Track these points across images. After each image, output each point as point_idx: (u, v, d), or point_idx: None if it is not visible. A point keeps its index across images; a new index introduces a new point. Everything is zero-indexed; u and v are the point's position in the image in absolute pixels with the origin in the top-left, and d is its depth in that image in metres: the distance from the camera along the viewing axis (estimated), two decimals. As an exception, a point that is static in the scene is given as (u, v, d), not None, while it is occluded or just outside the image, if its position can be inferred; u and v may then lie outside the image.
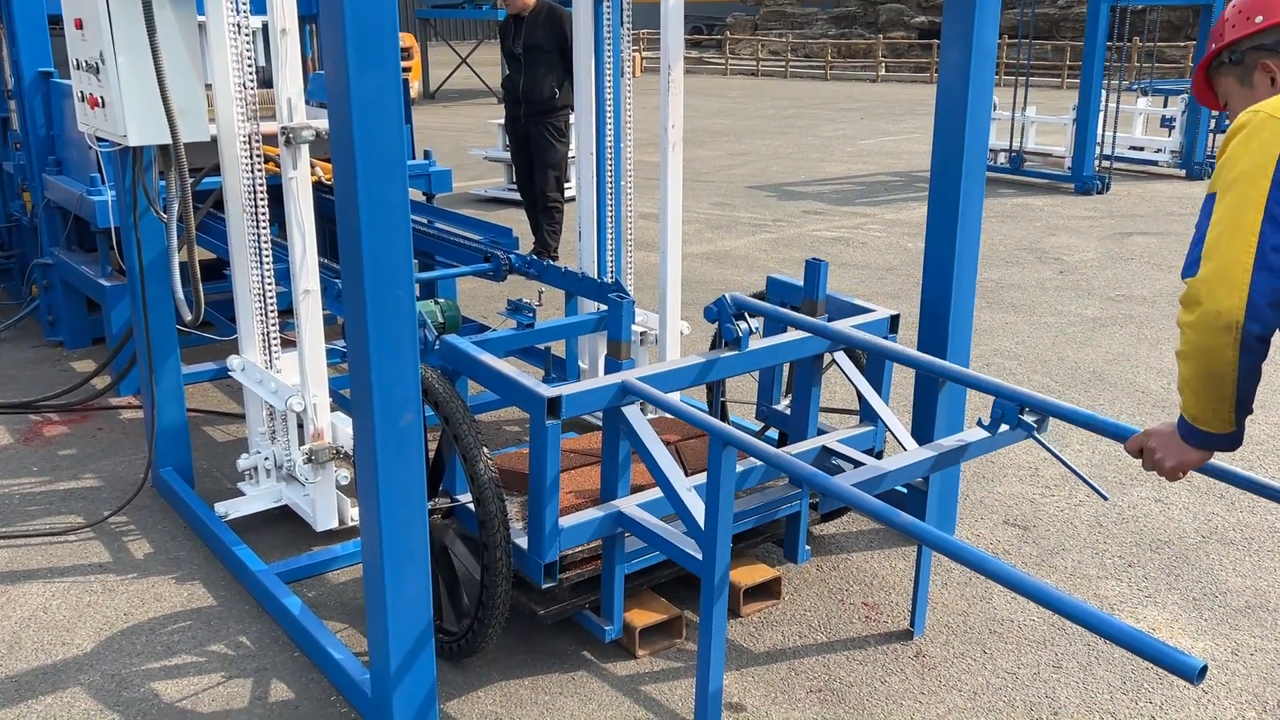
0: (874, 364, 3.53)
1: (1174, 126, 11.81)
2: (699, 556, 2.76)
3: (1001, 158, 11.74)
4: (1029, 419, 2.82)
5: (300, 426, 3.73)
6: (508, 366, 3.06)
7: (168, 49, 3.35)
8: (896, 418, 3.38)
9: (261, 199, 3.68)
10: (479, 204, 10.53)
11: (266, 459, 3.91)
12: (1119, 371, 5.68)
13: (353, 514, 3.74)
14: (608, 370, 3.19)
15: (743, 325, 3.26)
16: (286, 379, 3.74)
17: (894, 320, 3.55)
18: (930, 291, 3.76)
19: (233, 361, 3.93)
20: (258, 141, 3.62)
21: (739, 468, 3.08)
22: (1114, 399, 5.29)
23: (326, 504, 3.70)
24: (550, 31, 7.31)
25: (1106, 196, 10.72)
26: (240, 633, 3.38)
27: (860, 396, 3.50)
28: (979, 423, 2.93)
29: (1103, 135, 10.89)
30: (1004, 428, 2.87)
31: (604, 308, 4.40)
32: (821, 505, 3.53)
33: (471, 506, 3.05)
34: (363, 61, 2.37)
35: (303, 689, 3.10)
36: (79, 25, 3.61)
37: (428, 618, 2.77)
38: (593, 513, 3.05)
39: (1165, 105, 12.32)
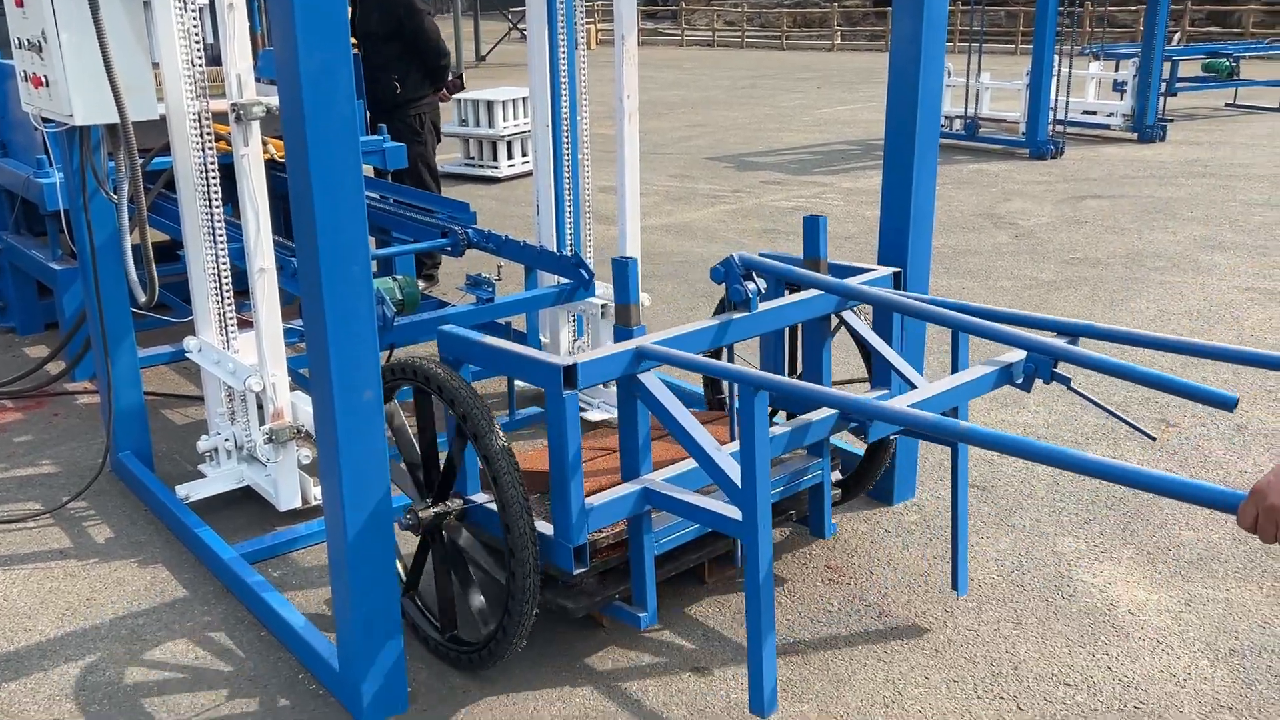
0: (881, 323, 3.47)
1: (1125, 90, 11.93)
2: (738, 518, 2.62)
3: (957, 124, 11.80)
4: (1062, 371, 2.72)
5: (260, 407, 3.71)
6: (513, 345, 2.91)
7: (112, 26, 3.29)
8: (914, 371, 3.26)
9: (213, 178, 3.64)
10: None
11: (227, 440, 3.88)
12: (1074, 333, 5.77)
13: (315, 493, 3.73)
14: (615, 338, 3.06)
15: (751, 286, 3.14)
16: (244, 359, 3.71)
17: (897, 277, 3.47)
18: (887, 259, 3.78)
19: (189, 343, 3.89)
20: (208, 119, 3.58)
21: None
22: (1069, 360, 5.37)
23: (289, 484, 3.69)
24: (385, 16, 6.35)
25: (1060, 161, 10.83)
26: (205, 614, 3.36)
27: (871, 358, 3.44)
28: (1010, 379, 2.84)
29: (1056, 100, 10.98)
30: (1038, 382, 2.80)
31: (564, 281, 4.40)
32: (870, 433, 2.98)
33: (487, 505, 2.93)
34: (312, 36, 2.34)
35: (270, 667, 3.10)
36: (19, 3, 3.53)
37: (394, 592, 2.78)
38: (620, 490, 2.85)
39: (1117, 69, 12.44)
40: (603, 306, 4.53)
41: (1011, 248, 7.58)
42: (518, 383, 4.86)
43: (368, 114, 6.25)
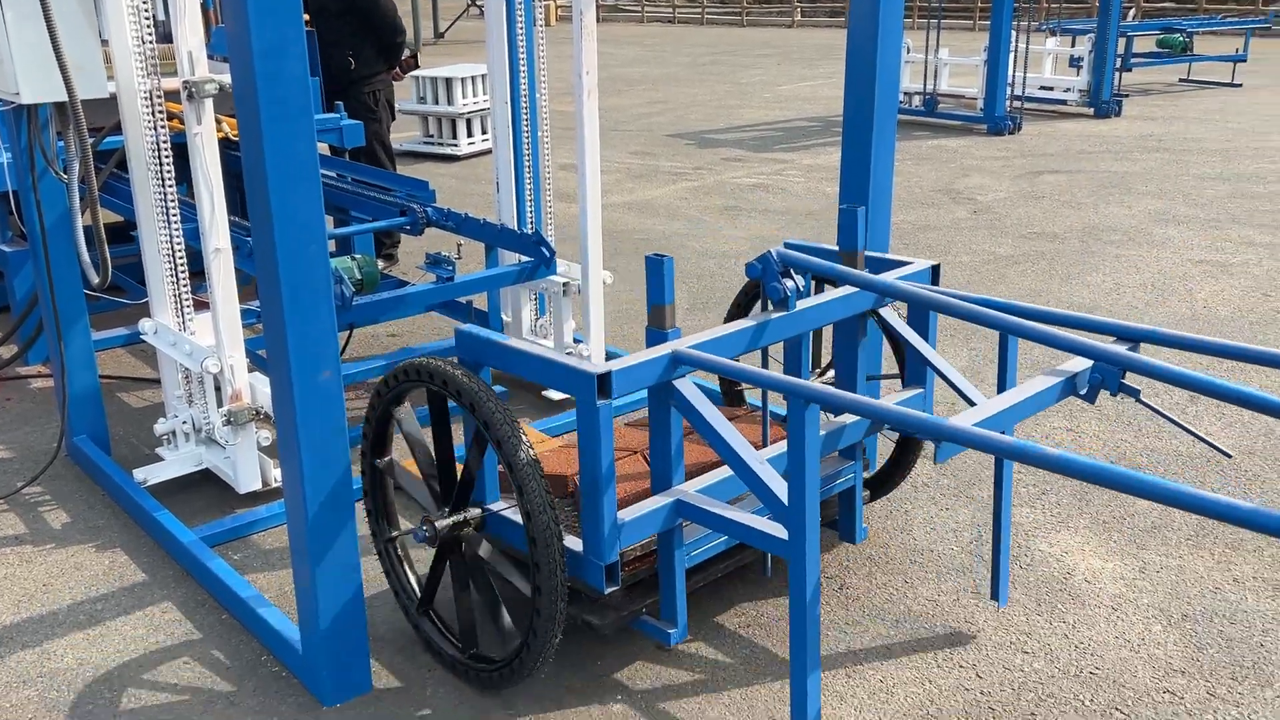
0: (916, 320, 3.23)
1: (1082, 66, 12.03)
2: (783, 536, 2.46)
3: (916, 100, 11.86)
4: (1132, 383, 2.52)
5: (218, 389, 3.67)
6: (539, 348, 2.71)
7: (59, 1, 3.22)
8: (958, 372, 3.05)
9: (166, 157, 3.58)
10: (397, 158, 10.34)
11: (184, 423, 3.84)
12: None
13: (275, 474, 3.70)
14: (647, 342, 2.76)
15: (789, 284, 2.91)
16: (201, 341, 3.67)
17: (935, 270, 3.25)
18: (845, 236, 3.80)
19: (144, 325, 3.84)
20: (159, 98, 3.52)
21: (773, 452, 2.87)
22: (1027, 334, 5.43)
23: (248, 466, 3.66)
24: None
25: (1018, 136, 10.91)
26: (165, 598, 3.34)
27: (908, 356, 3.25)
28: (1073, 390, 2.62)
29: (1013, 76, 11.06)
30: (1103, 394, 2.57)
31: (525, 259, 4.39)
32: (940, 453, 2.66)
33: (507, 513, 2.78)
34: (264, 12, 2.31)
35: (233, 651, 3.08)
36: (-39, -22, 3.45)
37: (355, 572, 2.77)
38: (653, 503, 2.68)
39: (1073, 45, 12.54)
40: (564, 284, 4.52)
41: (970, 223, 7.64)
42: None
43: (323, 91, 6.17)
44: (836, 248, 3.25)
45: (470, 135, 10.56)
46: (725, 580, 3.24)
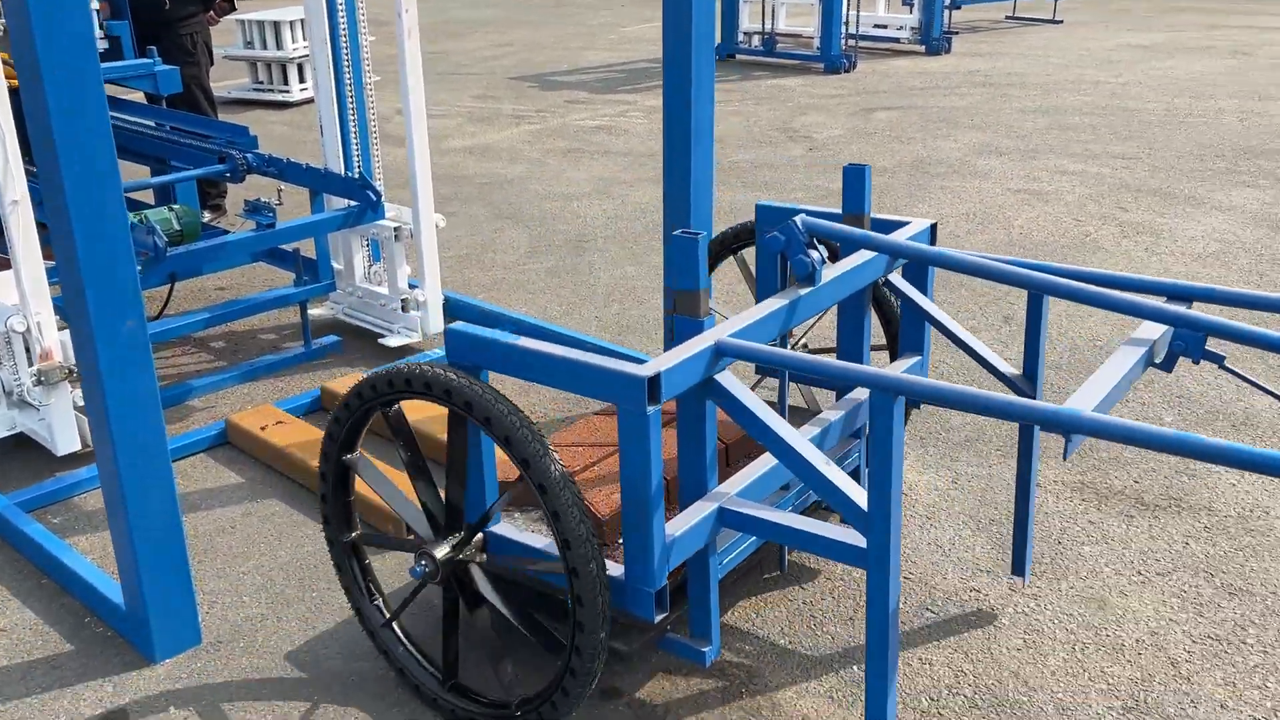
0: (915, 285, 2.99)
1: (913, 4, 12.35)
2: (859, 544, 2.22)
3: (755, 40, 11.99)
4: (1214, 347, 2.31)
5: (26, 348, 3.51)
6: (565, 350, 2.26)
7: None
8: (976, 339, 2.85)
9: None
10: (224, 106, 9.94)
11: (-7, 385, 3.66)
12: (861, 239, 6.03)
13: (95, 434, 3.57)
14: (678, 333, 2.40)
15: (815, 255, 2.59)
16: (4, 299, 3.49)
17: (933, 229, 3.01)
18: (671, 174, 3.85)
19: (-59, 284, 3.63)
20: (-61, 40, 3.30)
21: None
22: (856, 265, 5.62)
23: (64, 426, 3.52)
24: None
25: (853, 75, 11.17)
26: (-21, 567, 3.21)
27: (904, 324, 3.03)
28: (1150, 360, 2.37)
29: (848, 15, 11.28)
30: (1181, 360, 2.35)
31: (351, 204, 4.31)
32: (1068, 450, 2.36)
33: (518, 534, 2.48)
34: (33, -58, 2.19)
35: (54, 615, 2.99)
36: None
37: (175, 523, 2.71)
38: (696, 513, 2.37)
39: (905, -16, 12.84)
40: (395, 229, 4.46)
41: (805, 160, 7.82)
42: (312, 310, 4.76)
43: (135, 34, 5.87)
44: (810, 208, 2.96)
45: (303, 81, 10.20)
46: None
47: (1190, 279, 5.24)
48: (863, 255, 2.76)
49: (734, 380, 2.32)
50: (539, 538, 2.47)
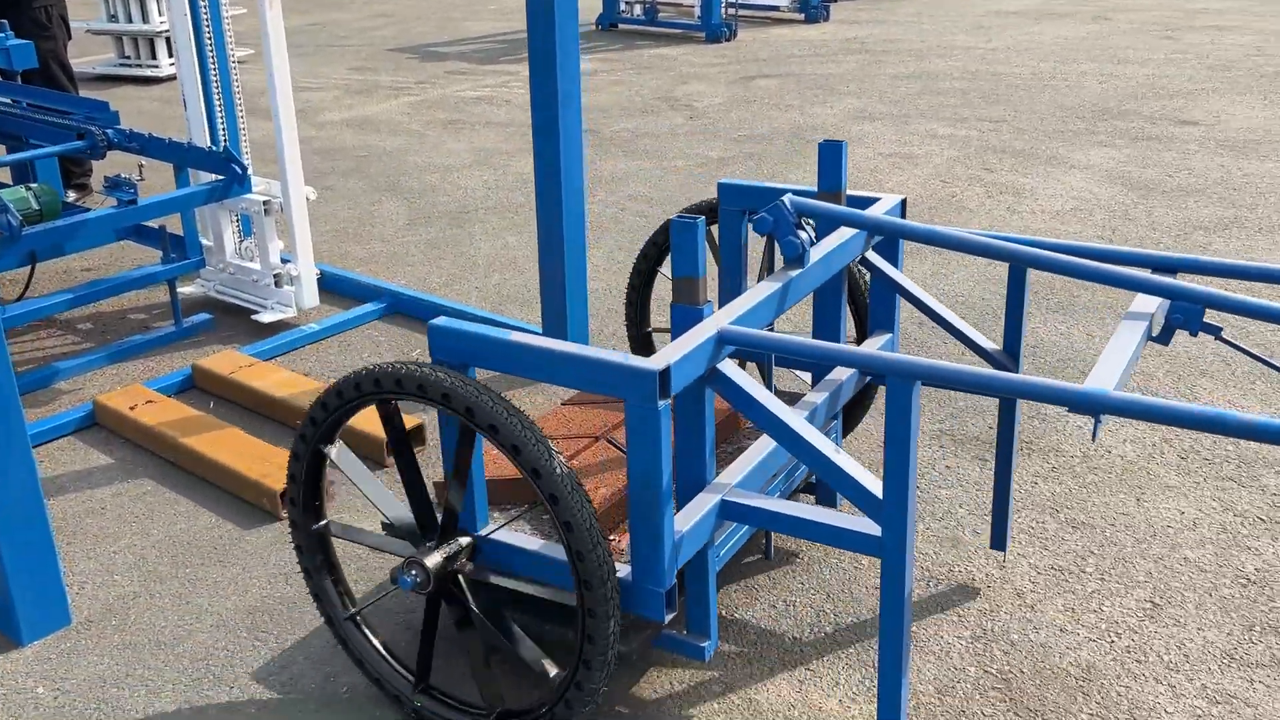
0: (887, 257, 2.95)
1: (792, -27, 12.51)
2: (873, 532, 2.17)
3: (637, 10, 12.01)
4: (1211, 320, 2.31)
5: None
6: (566, 345, 2.18)
7: None
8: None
9: None
10: (89, 83, 9.59)
11: None
12: (739, 204, 6.15)
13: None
14: (676, 322, 2.34)
15: (804, 235, 2.54)
16: None
17: (903, 204, 3.00)
18: (541, 147, 3.89)
19: None
20: None
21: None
22: (733, 230, 5.73)
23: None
24: None
25: (734, 43, 11.28)
26: None
27: (874, 303, 3.00)
28: (1148, 333, 2.33)
29: (728, -17, 11.38)
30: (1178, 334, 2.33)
31: (217, 178, 4.24)
32: (1096, 432, 2.22)
33: (509, 537, 2.38)
34: None
35: (-87, 605, 2.92)
36: None
37: (38, 505, 2.67)
38: (699, 506, 2.31)
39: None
40: (265, 203, 4.40)
41: (686, 128, 7.90)
42: (183, 288, 4.67)
43: None
44: (782, 186, 2.98)
45: (171, 55, 9.85)
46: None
47: (1050, 236, 5.49)
48: (843, 234, 2.71)
49: (737, 369, 2.26)
50: (533, 540, 2.38)
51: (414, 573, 2.27)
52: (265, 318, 4.49)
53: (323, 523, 2.52)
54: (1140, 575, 2.94)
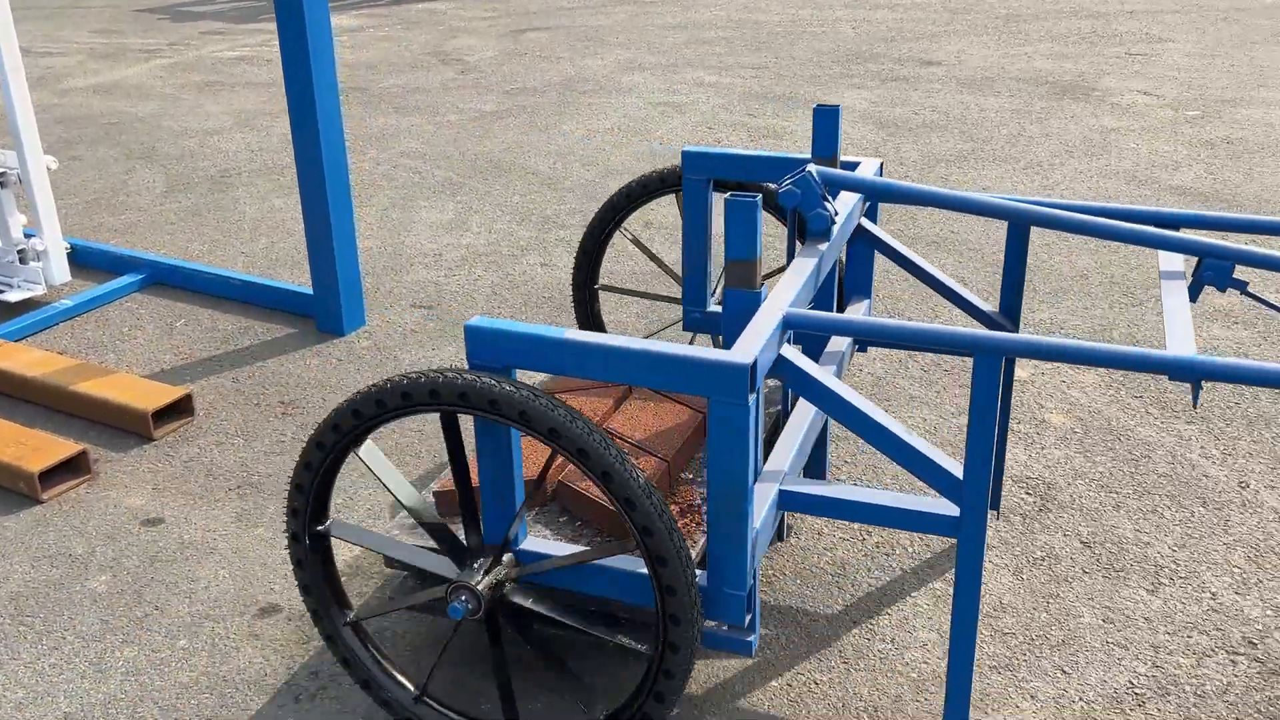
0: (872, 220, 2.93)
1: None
2: (951, 513, 2.09)
3: (403, -36, 11.73)
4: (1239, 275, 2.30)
5: None
6: (637, 342, 2.00)
7: None
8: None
9: None
10: None
11: None
12: (513, 158, 6.17)
13: None
14: (729, 306, 2.24)
15: (830, 207, 2.45)
16: None
17: (880, 169, 2.94)
18: (295, 102, 3.82)
19: None
20: None
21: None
22: (509, 183, 5.76)
23: None
24: None
25: (504, -4, 11.21)
26: None
27: (850, 269, 2.96)
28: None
29: (493, -64, 11.26)
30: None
31: (-58, 149, 3.93)
32: (1196, 397, 2.18)
33: (552, 551, 2.20)
34: None
35: None
36: None
37: None
38: (761, 499, 2.19)
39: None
40: (2, 174, 4.13)
41: (458, 82, 7.84)
42: None
43: None
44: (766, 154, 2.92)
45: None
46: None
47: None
48: (848, 200, 2.65)
49: (801, 355, 2.16)
50: (568, 546, 2.25)
51: (463, 600, 2.10)
52: (11, 296, 4.23)
53: (326, 522, 2.27)
54: (887, 478, 3.20)
